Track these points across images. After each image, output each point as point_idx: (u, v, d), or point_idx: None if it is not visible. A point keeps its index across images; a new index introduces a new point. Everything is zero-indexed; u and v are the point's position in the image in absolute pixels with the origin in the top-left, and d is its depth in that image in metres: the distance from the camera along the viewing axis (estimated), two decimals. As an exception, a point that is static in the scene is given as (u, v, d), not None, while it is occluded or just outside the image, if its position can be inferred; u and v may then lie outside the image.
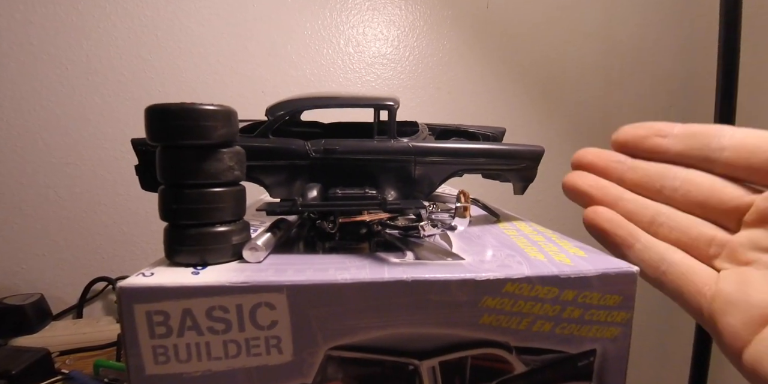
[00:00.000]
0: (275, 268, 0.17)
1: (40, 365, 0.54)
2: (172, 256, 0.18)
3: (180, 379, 0.16)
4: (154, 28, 0.75)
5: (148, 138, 0.17)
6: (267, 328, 0.15)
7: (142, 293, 0.15)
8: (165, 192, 0.17)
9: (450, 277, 0.16)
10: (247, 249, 0.18)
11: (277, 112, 0.25)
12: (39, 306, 0.67)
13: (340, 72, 0.84)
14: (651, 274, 0.20)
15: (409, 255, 0.19)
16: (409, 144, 0.24)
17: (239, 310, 0.15)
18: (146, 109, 0.17)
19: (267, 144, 0.24)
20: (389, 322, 0.16)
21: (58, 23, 0.71)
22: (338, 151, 0.24)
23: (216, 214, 0.17)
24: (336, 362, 0.16)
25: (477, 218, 0.30)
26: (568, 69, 0.94)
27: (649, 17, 0.97)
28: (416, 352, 0.16)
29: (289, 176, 0.24)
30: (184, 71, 0.77)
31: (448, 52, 0.88)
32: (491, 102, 0.92)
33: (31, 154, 0.72)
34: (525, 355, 0.17)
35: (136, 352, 0.15)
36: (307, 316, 0.15)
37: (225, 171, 0.17)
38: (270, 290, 0.15)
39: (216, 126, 0.17)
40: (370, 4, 0.84)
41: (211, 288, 0.15)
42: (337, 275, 0.16)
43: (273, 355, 0.16)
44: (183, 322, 0.15)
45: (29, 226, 0.73)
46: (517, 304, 0.17)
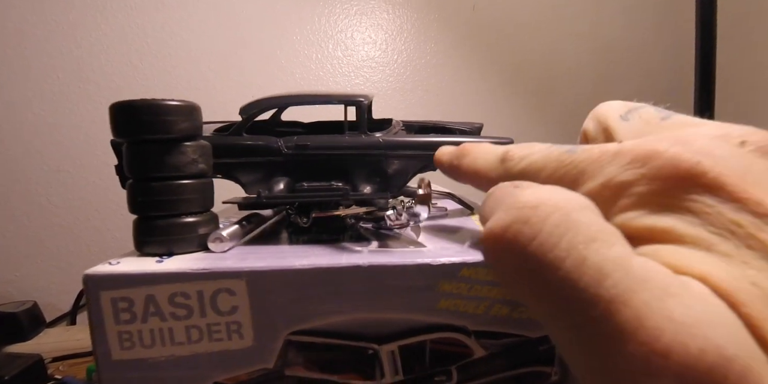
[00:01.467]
0: (237, 256, 0.17)
1: (33, 371, 0.54)
2: (141, 248, 0.18)
3: (145, 363, 0.16)
4: (145, 36, 0.76)
5: (114, 134, 0.18)
6: (228, 314, 0.16)
7: (107, 280, 0.16)
8: (132, 186, 0.18)
9: (406, 261, 0.17)
10: (212, 239, 0.18)
11: (249, 110, 0.25)
12: (32, 313, 0.67)
13: (330, 76, 0.85)
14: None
15: (374, 244, 0.20)
16: (379, 139, 0.25)
17: (200, 297, 0.16)
18: (111, 106, 0.17)
19: (239, 141, 0.25)
20: (348, 308, 0.16)
21: (50, 31, 0.72)
22: (310, 146, 0.25)
23: (181, 205, 0.18)
24: (296, 347, 0.16)
25: (452, 212, 0.30)
26: (556, 70, 0.95)
27: (637, 17, 0.98)
28: (376, 336, 0.17)
29: (264, 174, 0.25)
30: (175, 77, 0.78)
31: (436, 54, 0.89)
32: (480, 103, 0.93)
33: (24, 161, 0.72)
34: (484, 339, 0.18)
35: (103, 338, 0.16)
36: (266, 301, 0.16)
37: (189, 164, 0.18)
38: (229, 277, 0.16)
39: (178, 120, 0.17)
40: (357, 9, 0.85)
41: (172, 274, 0.16)
42: (295, 262, 0.16)
43: (234, 340, 0.16)
44: (146, 308, 0.16)
45: (22, 233, 0.73)
46: (474, 289, 0.17)
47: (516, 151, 0.15)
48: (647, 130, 0.13)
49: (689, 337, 0.08)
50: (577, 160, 0.13)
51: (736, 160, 0.10)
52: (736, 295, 0.09)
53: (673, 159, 0.11)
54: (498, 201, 0.13)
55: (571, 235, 0.10)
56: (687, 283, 0.09)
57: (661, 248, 0.10)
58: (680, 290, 0.09)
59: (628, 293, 0.09)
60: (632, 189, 0.11)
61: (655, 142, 0.11)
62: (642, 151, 0.11)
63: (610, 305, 0.09)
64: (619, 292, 0.09)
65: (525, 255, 0.10)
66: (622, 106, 0.15)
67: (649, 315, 0.08)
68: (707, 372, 0.08)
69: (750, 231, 0.09)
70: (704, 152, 0.10)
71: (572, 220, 0.10)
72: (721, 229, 0.10)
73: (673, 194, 0.10)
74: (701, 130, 0.12)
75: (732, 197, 0.10)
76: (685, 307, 0.08)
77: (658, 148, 0.11)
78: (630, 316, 0.08)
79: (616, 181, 0.11)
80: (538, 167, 0.14)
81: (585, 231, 0.10)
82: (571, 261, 0.09)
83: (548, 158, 0.14)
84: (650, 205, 0.11)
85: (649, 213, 0.11)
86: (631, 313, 0.08)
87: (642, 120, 0.14)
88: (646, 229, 0.11)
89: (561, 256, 0.10)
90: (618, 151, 0.12)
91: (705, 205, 0.10)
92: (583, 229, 0.10)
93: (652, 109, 0.14)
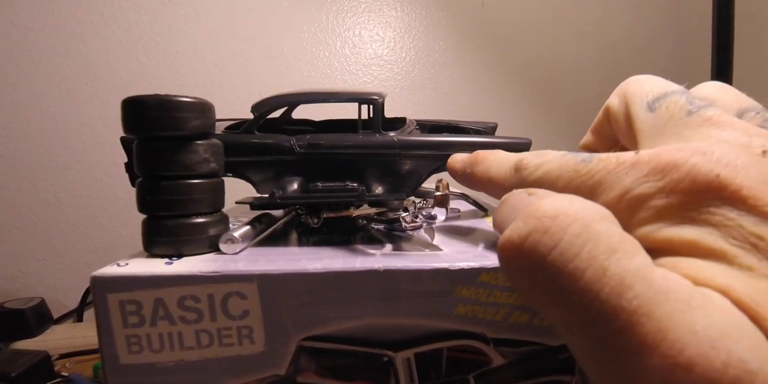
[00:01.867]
0: (248, 258, 0.17)
1: (40, 368, 0.54)
2: (150, 248, 0.18)
3: (153, 368, 0.15)
4: (152, 33, 0.76)
5: (125, 130, 0.17)
6: (239, 318, 0.15)
7: (115, 283, 0.15)
8: (141, 184, 0.18)
9: (423, 266, 0.16)
10: (224, 241, 0.18)
11: (261, 108, 0.25)
12: (39, 310, 0.67)
13: (337, 74, 0.84)
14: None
15: (388, 247, 0.19)
16: (394, 138, 0.24)
17: (211, 300, 0.15)
18: (123, 101, 0.17)
19: (251, 140, 0.24)
20: (362, 313, 0.16)
21: (57, 29, 0.72)
22: (323, 145, 0.24)
23: (192, 205, 0.17)
24: (308, 353, 0.16)
25: (466, 213, 0.30)
26: (564, 68, 0.94)
27: (642, 16, 0.97)
28: (391, 343, 0.16)
29: (275, 172, 0.24)
30: (182, 75, 0.77)
31: (444, 52, 0.89)
32: (487, 101, 0.92)
33: (31, 158, 0.72)
34: (503, 347, 0.17)
35: (110, 342, 0.15)
36: (278, 305, 0.15)
37: (200, 163, 0.17)
38: (241, 280, 0.15)
39: (190, 117, 0.17)
40: (366, 6, 0.85)
41: (182, 277, 0.15)
42: (308, 265, 0.16)
43: (245, 345, 0.16)
44: (155, 311, 0.15)
45: (29, 230, 0.73)
46: (492, 295, 0.17)
47: (530, 160, 0.15)
48: (670, 127, 0.13)
49: (713, 350, 0.08)
50: (594, 170, 0.12)
51: (758, 171, 0.10)
52: (758, 308, 0.09)
53: (692, 171, 0.10)
54: (514, 209, 0.12)
55: (591, 246, 0.10)
56: (709, 296, 0.09)
57: (681, 260, 0.10)
58: (703, 302, 0.09)
59: (650, 305, 0.09)
60: (651, 202, 0.11)
61: (675, 152, 0.11)
62: (660, 162, 0.11)
63: (632, 317, 0.09)
64: (641, 304, 0.09)
65: (544, 265, 0.10)
66: (651, 90, 0.14)
67: (672, 327, 0.08)
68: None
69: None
70: (724, 163, 0.10)
71: (592, 231, 0.10)
72: (743, 241, 0.09)
73: (693, 207, 0.10)
74: (724, 134, 0.12)
75: (754, 210, 0.10)
76: (708, 320, 0.08)
77: (677, 159, 0.11)
78: (653, 329, 0.08)
79: (634, 194, 0.11)
80: (554, 177, 0.13)
81: (605, 242, 0.10)
82: (591, 272, 0.09)
83: (564, 168, 0.13)
84: (670, 217, 0.11)
85: (669, 225, 0.11)
86: (654, 326, 0.08)
87: (667, 112, 0.13)
88: (666, 242, 0.11)
89: (582, 267, 0.09)
90: (636, 162, 0.11)
91: (726, 217, 0.10)
92: (604, 240, 0.10)
93: (683, 98, 0.13)
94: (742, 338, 0.08)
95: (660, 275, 0.09)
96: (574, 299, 0.09)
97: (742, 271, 0.09)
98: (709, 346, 0.08)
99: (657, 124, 0.13)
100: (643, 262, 0.10)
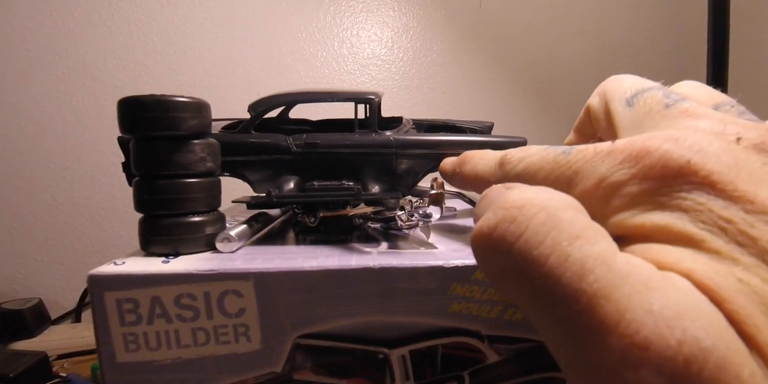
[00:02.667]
0: (245, 257, 0.17)
1: (38, 368, 0.54)
2: (146, 247, 0.18)
3: (151, 366, 0.16)
4: (150, 33, 0.76)
5: (122, 130, 0.17)
6: (235, 316, 0.16)
7: (111, 281, 0.15)
8: (138, 183, 0.18)
9: (418, 264, 0.16)
10: (220, 239, 0.18)
11: (258, 107, 0.25)
12: (37, 310, 0.67)
13: (335, 74, 0.85)
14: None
15: (384, 245, 0.19)
16: (390, 137, 0.25)
17: (207, 298, 0.15)
18: (118, 101, 0.17)
19: (248, 139, 0.24)
20: (358, 310, 0.16)
21: (55, 29, 0.72)
22: (320, 145, 0.24)
23: (188, 204, 0.17)
24: (305, 351, 0.16)
25: (462, 212, 0.30)
26: (562, 67, 0.95)
27: (641, 15, 0.97)
28: (386, 340, 0.16)
29: (272, 172, 0.25)
30: (180, 75, 0.77)
31: (442, 52, 0.89)
32: (486, 101, 0.92)
33: (29, 159, 0.72)
34: (497, 344, 0.17)
35: (108, 340, 0.15)
36: (274, 303, 0.16)
37: (197, 162, 0.17)
38: (237, 278, 0.15)
39: (186, 117, 0.17)
40: (363, 6, 0.85)
41: (178, 276, 0.15)
42: (304, 263, 0.16)
43: (242, 343, 0.16)
44: (152, 309, 0.15)
45: (27, 230, 0.73)
46: (487, 292, 0.17)
47: (513, 155, 0.15)
48: (648, 120, 0.13)
49: (668, 329, 0.08)
50: (572, 161, 0.13)
51: (730, 157, 0.10)
52: (720, 291, 0.09)
53: (664, 157, 0.11)
54: (490, 202, 0.13)
55: (555, 233, 0.10)
56: (670, 278, 0.09)
57: (651, 247, 0.10)
58: (662, 284, 0.09)
59: (609, 288, 0.09)
60: (625, 189, 0.11)
61: (648, 139, 0.11)
62: (633, 149, 0.11)
63: (592, 300, 0.09)
64: (601, 287, 0.09)
65: (511, 253, 0.10)
66: (630, 87, 0.15)
67: (630, 308, 0.08)
68: (685, 363, 0.08)
69: (741, 227, 0.09)
70: (696, 149, 0.10)
71: (557, 219, 0.10)
72: (712, 225, 0.10)
73: (664, 193, 0.10)
74: (700, 123, 0.12)
75: (724, 194, 0.10)
76: (665, 300, 0.09)
77: (649, 146, 0.11)
78: (611, 310, 0.09)
79: (608, 182, 0.11)
80: (535, 169, 0.14)
81: (569, 229, 0.10)
82: (555, 258, 0.10)
83: (544, 160, 0.14)
84: (642, 204, 0.11)
85: (642, 212, 0.11)
86: (613, 307, 0.09)
87: (645, 107, 0.14)
88: (639, 228, 0.11)
89: (545, 253, 0.10)
90: (611, 151, 0.12)
91: (696, 202, 0.10)
92: (567, 228, 0.10)
93: (660, 93, 0.14)
94: (697, 317, 0.08)
95: (622, 260, 0.10)
96: (539, 285, 0.10)
97: (709, 254, 0.09)
98: (665, 325, 0.08)
99: (635, 118, 0.14)
100: (605, 248, 0.10)
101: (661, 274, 0.09)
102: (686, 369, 0.08)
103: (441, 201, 0.20)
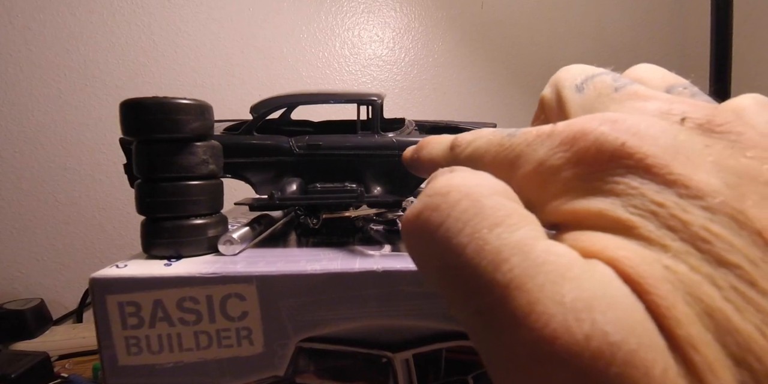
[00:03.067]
0: (247, 260, 0.17)
1: (39, 369, 0.54)
2: (149, 249, 0.18)
3: (152, 370, 0.16)
4: (151, 34, 0.76)
5: (123, 132, 0.17)
6: (237, 320, 0.15)
7: (113, 284, 0.15)
8: (140, 186, 0.18)
9: (422, 267, 0.16)
10: (222, 242, 0.18)
11: (261, 109, 0.25)
12: (39, 311, 0.67)
13: (336, 74, 0.84)
14: None
15: (387, 248, 0.19)
16: (393, 139, 0.25)
17: (209, 301, 0.15)
18: (121, 104, 0.17)
19: (250, 141, 0.24)
20: (361, 314, 0.16)
21: (56, 29, 0.72)
22: (322, 146, 0.24)
23: (191, 207, 0.17)
24: (307, 354, 0.16)
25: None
26: (562, 67, 0.94)
27: (641, 17, 0.97)
28: (389, 344, 0.16)
29: (274, 173, 0.24)
30: (181, 75, 0.77)
31: (444, 53, 0.89)
32: (487, 102, 0.92)
33: (30, 159, 0.72)
34: (501, 347, 0.17)
35: (109, 343, 0.15)
36: (277, 307, 0.15)
37: (199, 164, 0.17)
38: (239, 281, 0.15)
39: (188, 119, 0.17)
40: (365, 7, 0.85)
41: (180, 279, 0.15)
42: (307, 266, 0.16)
43: (244, 346, 0.16)
44: (154, 313, 0.15)
45: (29, 231, 0.73)
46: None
47: (464, 138, 0.15)
48: (598, 103, 0.13)
49: (576, 322, 0.08)
50: (515, 143, 0.12)
51: (668, 139, 0.10)
52: (644, 280, 0.08)
53: (599, 140, 0.10)
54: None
55: (476, 221, 0.10)
56: (592, 268, 0.09)
57: (582, 234, 0.10)
58: (580, 274, 0.08)
59: (523, 277, 0.08)
60: (560, 174, 0.11)
61: (586, 121, 0.11)
62: (570, 132, 0.11)
63: (505, 290, 0.08)
64: (514, 277, 0.09)
65: (433, 241, 0.10)
66: (579, 74, 0.15)
67: (541, 300, 0.08)
68: (591, 358, 0.08)
69: (673, 212, 0.09)
70: (633, 131, 0.10)
71: (479, 206, 0.10)
72: (644, 210, 0.09)
73: (598, 177, 0.10)
74: (648, 105, 0.11)
75: (658, 178, 0.09)
76: (579, 291, 0.08)
77: (585, 128, 0.11)
78: (523, 302, 0.08)
79: (545, 166, 0.11)
80: (482, 152, 0.13)
81: (491, 216, 0.10)
82: (472, 246, 0.09)
83: (491, 143, 0.13)
84: (576, 190, 0.10)
85: (575, 198, 0.10)
86: (525, 298, 0.08)
87: (595, 91, 0.13)
88: (571, 214, 0.10)
89: (464, 242, 0.09)
90: (551, 133, 0.11)
91: (629, 186, 0.10)
92: (489, 214, 0.10)
93: (609, 77, 0.13)
94: (610, 309, 0.08)
95: (541, 248, 0.09)
96: (457, 274, 0.09)
97: (638, 241, 0.09)
98: (574, 318, 0.08)
99: (585, 103, 0.13)
100: (525, 235, 0.09)
101: (583, 262, 0.09)
102: (593, 365, 0.07)
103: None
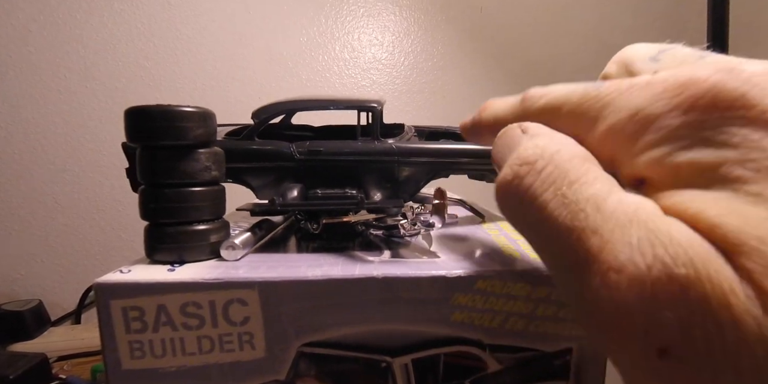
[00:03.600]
0: (249, 265, 0.17)
1: (38, 370, 0.54)
2: (152, 255, 0.18)
3: (156, 374, 0.16)
4: (151, 36, 0.76)
5: (128, 138, 0.18)
6: (240, 324, 0.16)
7: (118, 289, 0.15)
8: (144, 191, 0.18)
9: (421, 274, 0.16)
10: (225, 247, 0.18)
11: (262, 114, 0.25)
12: (37, 312, 0.67)
13: (336, 78, 0.85)
14: None
15: (386, 253, 0.20)
16: (392, 145, 0.25)
17: (212, 306, 0.15)
18: (126, 111, 0.17)
19: (252, 146, 0.24)
20: (361, 319, 0.16)
21: (57, 31, 0.72)
22: (323, 152, 0.24)
23: (193, 212, 0.18)
24: (308, 359, 0.16)
25: (463, 219, 0.30)
26: (563, 71, 0.95)
27: (641, 19, 0.97)
28: (389, 349, 0.17)
29: (275, 178, 0.25)
30: (181, 78, 0.78)
31: (443, 56, 0.89)
32: (487, 106, 0.92)
33: (30, 160, 0.72)
34: (499, 353, 0.17)
35: (113, 347, 0.16)
36: (278, 312, 0.16)
37: (202, 171, 0.18)
38: (242, 287, 0.15)
39: (192, 127, 0.17)
40: (365, 11, 0.85)
41: (184, 284, 0.15)
42: (308, 272, 0.16)
43: (246, 350, 0.16)
44: (158, 317, 0.15)
45: (28, 232, 0.73)
46: (489, 301, 0.17)
47: (536, 90, 0.15)
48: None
49: (641, 256, 0.09)
50: (603, 93, 0.12)
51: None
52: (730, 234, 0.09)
53: (715, 87, 0.10)
54: (507, 147, 0.13)
55: (558, 182, 0.11)
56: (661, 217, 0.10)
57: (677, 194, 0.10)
58: (646, 218, 0.09)
59: (597, 223, 0.10)
60: (663, 121, 0.10)
61: (697, 69, 0.10)
62: (678, 79, 0.10)
63: (582, 234, 0.10)
64: (589, 223, 0.10)
65: (524, 202, 0.12)
66: (651, 48, 0.14)
67: (612, 240, 0.09)
68: (653, 284, 0.09)
69: None
70: (753, 82, 0.09)
71: (562, 169, 0.11)
72: (761, 165, 0.09)
73: (709, 127, 0.09)
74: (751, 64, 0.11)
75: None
76: (646, 232, 0.09)
77: (699, 76, 0.10)
78: (596, 242, 0.10)
79: (644, 114, 0.11)
80: (559, 104, 0.13)
81: (570, 176, 0.11)
82: (555, 201, 0.11)
83: (572, 93, 0.13)
84: (681, 138, 0.10)
85: (678, 149, 0.10)
86: (598, 240, 0.10)
87: (675, 60, 0.12)
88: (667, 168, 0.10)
89: (548, 199, 0.11)
90: (650, 82, 0.11)
91: (747, 139, 0.09)
92: (569, 175, 0.11)
93: (688, 48, 0.13)
94: (671, 245, 0.09)
95: (614, 199, 0.10)
96: (544, 226, 0.11)
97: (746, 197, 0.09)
98: (639, 253, 0.09)
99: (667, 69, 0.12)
100: (600, 189, 0.11)
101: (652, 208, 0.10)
102: (653, 289, 0.09)
103: (443, 211, 0.20)
